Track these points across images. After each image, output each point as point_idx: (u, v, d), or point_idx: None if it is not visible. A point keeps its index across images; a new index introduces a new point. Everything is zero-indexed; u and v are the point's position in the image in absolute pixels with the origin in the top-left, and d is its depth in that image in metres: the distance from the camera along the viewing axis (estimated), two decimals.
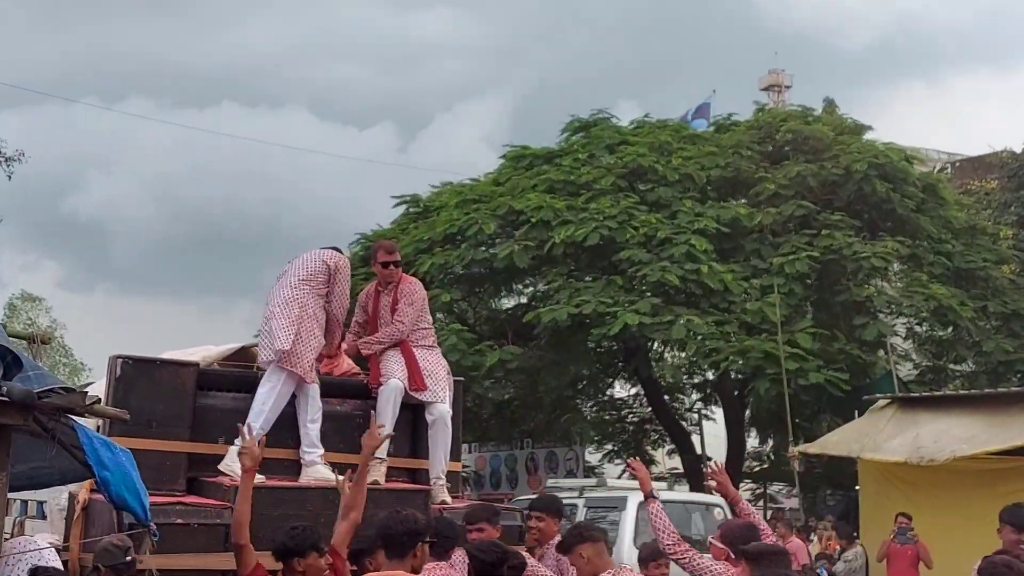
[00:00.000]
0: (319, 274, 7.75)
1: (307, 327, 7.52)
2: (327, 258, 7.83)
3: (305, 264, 7.79)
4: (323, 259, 7.81)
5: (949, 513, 13.80)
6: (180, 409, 7.20)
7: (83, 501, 6.81)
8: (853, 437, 16.03)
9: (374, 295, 8.35)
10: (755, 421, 23.84)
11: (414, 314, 8.15)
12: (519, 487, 27.04)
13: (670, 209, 20.43)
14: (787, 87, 61.67)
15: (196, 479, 7.20)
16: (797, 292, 19.58)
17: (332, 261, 7.82)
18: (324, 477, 7.31)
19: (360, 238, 23.82)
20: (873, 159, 20.65)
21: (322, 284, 7.74)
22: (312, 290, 7.69)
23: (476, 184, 23.46)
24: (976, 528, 11.72)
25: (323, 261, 7.80)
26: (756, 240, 20.43)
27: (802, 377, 17.73)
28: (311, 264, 7.78)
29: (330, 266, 7.78)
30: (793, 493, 21.93)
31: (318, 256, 7.84)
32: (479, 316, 23.13)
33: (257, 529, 6.81)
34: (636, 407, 26.81)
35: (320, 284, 7.73)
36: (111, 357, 7.23)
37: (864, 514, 15.80)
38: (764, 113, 24.37)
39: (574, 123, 23.66)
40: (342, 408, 7.89)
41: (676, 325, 18.22)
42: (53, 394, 4.09)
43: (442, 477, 7.87)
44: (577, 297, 19.13)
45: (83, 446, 4.31)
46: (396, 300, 8.18)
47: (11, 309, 57.23)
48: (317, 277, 7.74)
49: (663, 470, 28.64)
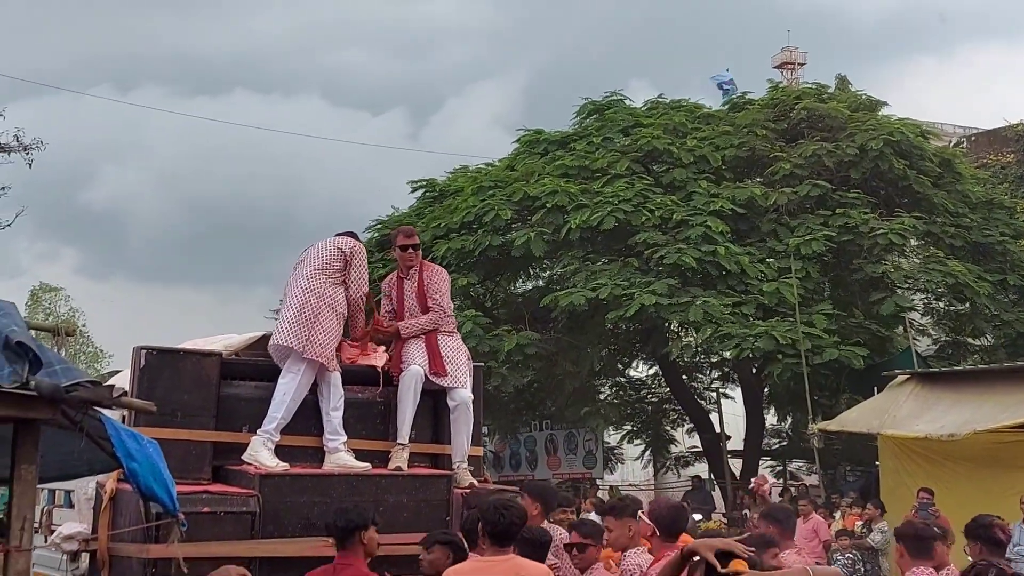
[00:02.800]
0: (335, 262, 7.74)
1: (325, 316, 7.53)
2: (342, 245, 7.82)
3: (320, 253, 7.79)
4: (338, 246, 7.80)
5: (970, 488, 13.81)
6: (204, 399, 7.23)
7: (110, 491, 6.85)
8: (873, 413, 16.06)
9: (397, 282, 8.35)
10: (774, 399, 23.85)
11: (447, 302, 8.23)
12: (538, 469, 27.16)
13: (685, 191, 20.45)
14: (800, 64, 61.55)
15: (221, 468, 7.24)
16: (813, 275, 19.58)
17: (347, 248, 7.80)
18: (347, 464, 7.37)
19: (376, 223, 23.91)
20: (888, 136, 20.59)
21: (338, 272, 7.73)
22: (328, 279, 7.68)
23: (491, 169, 23.49)
24: (996, 503, 11.75)
25: (338, 248, 7.79)
26: (772, 220, 20.41)
27: (818, 355, 17.73)
28: (326, 252, 7.78)
29: (345, 253, 7.77)
30: (813, 470, 21.93)
31: (332, 244, 7.84)
32: (496, 300, 23.19)
33: (282, 516, 6.90)
34: (654, 387, 26.85)
35: (336, 272, 7.73)
36: (135, 348, 7.27)
37: (885, 490, 15.82)
38: (778, 91, 24.31)
39: (587, 106, 23.66)
40: (363, 395, 7.91)
41: (693, 306, 18.26)
42: (80, 387, 4.14)
43: (465, 461, 7.92)
44: (594, 280, 19.17)
45: (111, 438, 4.37)
46: (422, 286, 8.20)
47: (33, 299, 57.71)
48: (333, 265, 7.73)
49: (682, 449, 28.69)
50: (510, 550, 5.45)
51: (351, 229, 8.31)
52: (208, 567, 6.35)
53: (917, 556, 6.30)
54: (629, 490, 29.12)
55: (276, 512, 6.86)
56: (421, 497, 7.41)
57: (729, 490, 21.22)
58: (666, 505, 6.49)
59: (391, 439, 7.79)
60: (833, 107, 21.88)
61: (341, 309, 7.71)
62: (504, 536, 5.44)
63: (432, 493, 7.48)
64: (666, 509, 6.30)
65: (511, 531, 5.47)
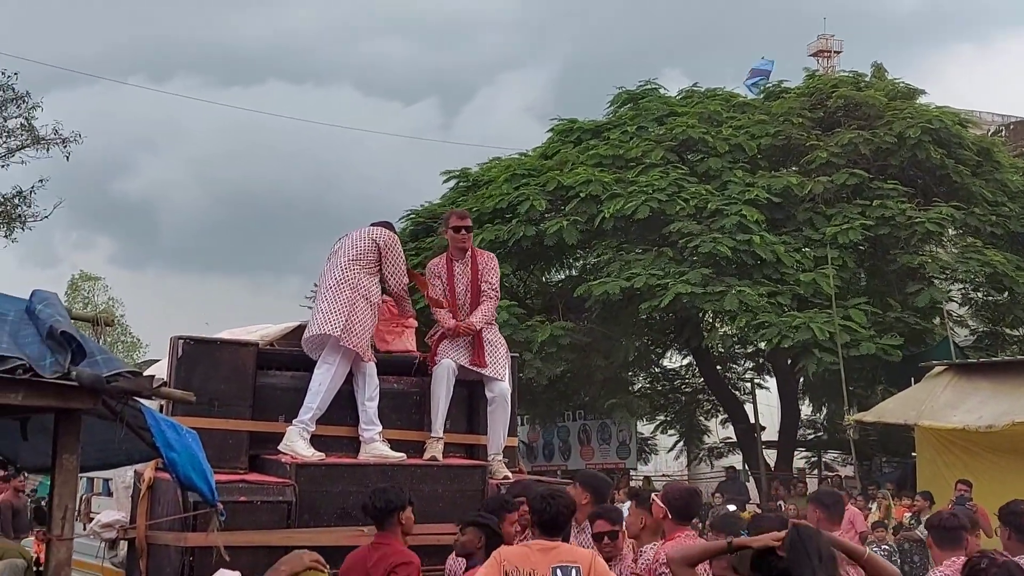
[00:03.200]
0: (369, 253, 7.74)
1: (360, 307, 7.53)
2: (376, 236, 7.80)
3: (354, 244, 7.78)
4: (372, 237, 7.79)
5: (1010, 479, 13.68)
6: (241, 388, 7.26)
7: (148, 479, 6.90)
8: (910, 404, 15.96)
9: (447, 264, 8.26)
10: (809, 389, 23.72)
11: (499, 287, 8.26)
12: (572, 459, 27.14)
13: (720, 180, 20.34)
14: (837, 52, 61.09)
15: (258, 457, 7.28)
16: (850, 264, 19.44)
17: (381, 239, 7.80)
18: (382, 454, 7.38)
19: (409, 213, 23.94)
20: (927, 124, 20.39)
21: (373, 263, 7.73)
22: (363, 269, 7.68)
23: (524, 159, 23.46)
24: None
25: (372, 240, 7.78)
26: (808, 210, 20.27)
27: (854, 348, 17.60)
28: (360, 243, 7.77)
29: (379, 244, 7.76)
30: (848, 461, 21.79)
31: (367, 235, 7.82)
32: (529, 290, 23.17)
33: (318, 506, 6.93)
34: (688, 377, 26.77)
35: (371, 263, 7.72)
36: (173, 338, 7.31)
37: (922, 481, 15.71)
38: (815, 79, 24.13)
39: (622, 95, 23.58)
40: (399, 386, 7.93)
41: (728, 296, 18.17)
42: (121, 378, 4.17)
43: (501, 453, 7.92)
44: (628, 270, 19.11)
45: (150, 428, 4.39)
46: (476, 270, 8.18)
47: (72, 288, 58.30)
48: (367, 256, 7.72)
49: (716, 440, 28.60)
50: (558, 539, 5.45)
51: (385, 219, 8.31)
52: (244, 556, 6.40)
53: (945, 547, 6.27)
54: (662, 481, 29.09)
55: (312, 501, 6.88)
56: (456, 487, 7.42)
57: (764, 481, 21.12)
58: (679, 489, 6.56)
59: (426, 429, 7.80)
60: (870, 95, 21.69)
61: (375, 299, 7.71)
62: (552, 525, 5.45)
63: (467, 483, 7.49)
64: (679, 493, 6.37)
65: (559, 520, 5.48)
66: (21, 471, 12.15)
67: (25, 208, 28.17)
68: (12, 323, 4.21)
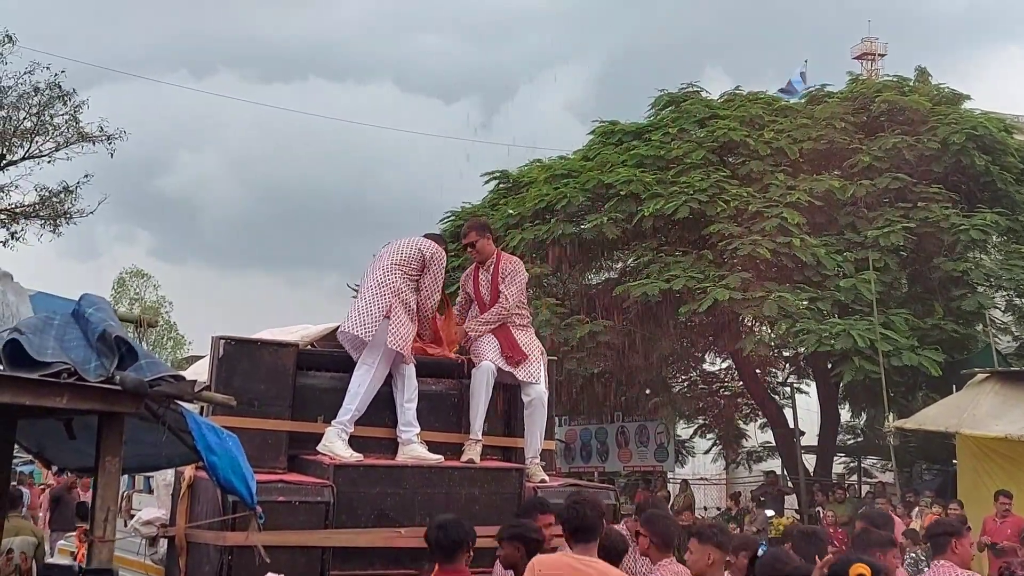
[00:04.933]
0: (413, 261, 7.79)
1: (398, 311, 7.58)
2: (423, 247, 7.86)
3: (400, 249, 7.84)
4: (419, 247, 7.85)
5: None
6: (281, 389, 7.33)
7: (189, 478, 6.97)
8: (951, 412, 15.79)
9: (474, 272, 8.41)
10: (849, 394, 23.55)
11: (517, 293, 8.23)
12: (609, 460, 27.10)
13: (761, 183, 20.23)
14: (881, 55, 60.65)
15: (296, 457, 7.34)
16: (892, 267, 19.27)
17: (428, 251, 7.85)
18: (420, 456, 7.43)
19: (449, 215, 24.01)
20: (971, 130, 20.20)
21: (415, 271, 7.78)
22: (404, 275, 7.73)
23: (565, 160, 23.47)
24: None
25: (419, 249, 7.84)
26: (850, 213, 20.13)
27: (895, 358, 17.45)
28: (407, 250, 7.83)
29: (425, 256, 7.82)
30: (888, 467, 21.64)
31: (414, 244, 7.88)
32: (568, 290, 23.16)
33: (355, 507, 6.97)
34: (727, 381, 26.65)
35: (413, 271, 7.78)
36: (214, 338, 7.38)
37: (962, 490, 15.57)
38: (858, 84, 23.95)
39: (663, 97, 23.51)
40: (437, 388, 7.98)
41: (767, 301, 18.04)
42: (163, 382, 4.23)
43: (538, 456, 7.94)
44: (667, 272, 19.06)
45: (191, 431, 4.45)
46: (496, 278, 8.23)
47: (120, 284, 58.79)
48: (411, 264, 7.78)
49: (755, 444, 28.47)
50: (594, 544, 5.50)
51: (434, 232, 8.40)
52: (283, 555, 6.46)
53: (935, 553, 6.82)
54: (700, 484, 29.00)
55: (350, 502, 6.93)
56: (493, 490, 7.44)
57: (803, 486, 21.00)
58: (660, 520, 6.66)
59: (464, 431, 7.84)
60: (914, 100, 21.51)
61: (413, 306, 7.76)
62: (583, 530, 5.47)
63: (504, 486, 7.51)
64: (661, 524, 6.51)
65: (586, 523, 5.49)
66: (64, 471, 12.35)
67: (71, 204, 28.58)
68: (58, 326, 4.28)
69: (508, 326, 8.11)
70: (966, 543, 6.96)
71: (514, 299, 8.17)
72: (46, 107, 27.90)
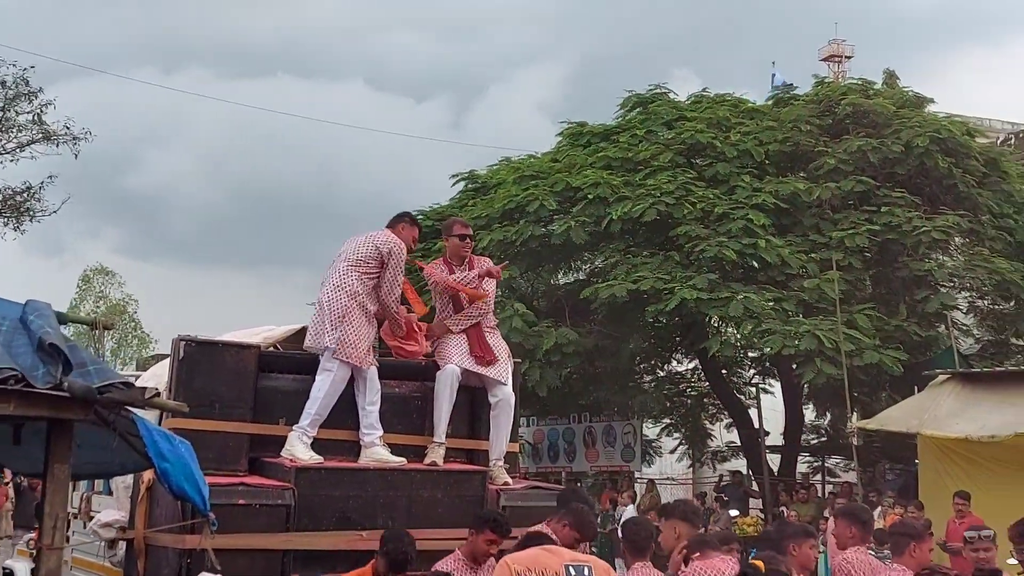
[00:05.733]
0: (369, 259, 7.66)
1: (354, 316, 7.50)
2: (379, 242, 7.72)
3: (357, 248, 7.72)
4: (375, 243, 7.71)
5: (1010, 489, 13.63)
6: (242, 391, 7.30)
7: (148, 481, 6.94)
8: (913, 412, 15.89)
9: (447, 271, 8.28)
10: (813, 395, 23.70)
11: (494, 292, 8.26)
12: (576, 460, 27.13)
13: (728, 185, 20.34)
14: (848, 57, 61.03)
15: (258, 460, 7.33)
16: (856, 266, 19.41)
17: (385, 247, 7.70)
18: (383, 458, 7.42)
19: (418, 215, 23.91)
20: (935, 133, 20.35)
21: (374, 268, 7.66)
22: (361, 275, 7.61)
23: (533, 161, 23.49)
24: None
25: (375, 246, 7.69)
26: (814, 215, 20.27)
27: (857, 357, 17.57)
28: (363, 249, 7.70)
29: (382, 252, 7.68)
30: (851, 467, 21.76)
31: (371, 241, 7.74)
32: (537, 292, 23.17)
33: (317, 510, 6.96)
34: (694, 381, 26.74)
35: (372, 268, 7.65)
36: (174, 339, 7.35)
37: (923, 490, 15.66)
38: (824, 86, 24.09)
39: (631, 99, 23.59)
40: (401, 390, 7.96)
41: (733, 302, 18.15)
42: (113, 388, 4.19)
43: (502, 459, 7.94)
44: (635, 273, 19.12)
45: (143, 438, 4.42)
46: (475, 276, 8.20)
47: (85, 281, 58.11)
48: (368, 263, 7.65)
49: (720, 444, 28.57)
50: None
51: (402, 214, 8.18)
52: (243, 559, 6.45)
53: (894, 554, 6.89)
54: (666, 484, 29.08)
55: (311, 505, 6.93)
56: (456, 493, 7.47)
57: (767, 485, 21.10)
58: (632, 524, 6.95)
59: (427, 434, 7.84)
60: (879, 103, 21.66)
61: (373, 307, 7.68)
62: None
63: (467, 489, 7.54)
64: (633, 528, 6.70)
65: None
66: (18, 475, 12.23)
67: (34, 203, 28.32)
68: (5, 333, 4.24)
69: (481, 326, 8.11)
70: (925, 548, 6.88)
71: (493, 299, 8.22)
72: (10, 104, 27.62)
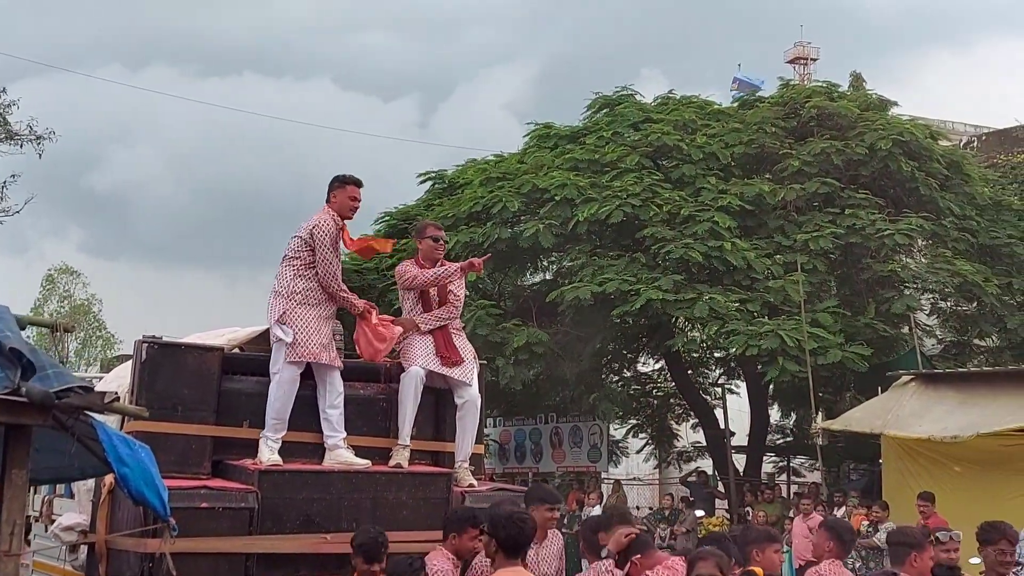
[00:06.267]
0: (300, 249, 7.52)
1: (296, 314, 7.40)
2: (302, 230, 7.55)
3: (288, 244, 7.61)
4: (299, 234, 7.56)
5: (972, 490, 13.77)
6: (205, 393, 7.24)
7: (109, 484, 6.88)
8: (876, 413, 16.02)
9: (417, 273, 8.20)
10: (778, 395, 23.84)
11: (463, 296, 8.25)
12: (543, 461, 27.19)
13: (694, 186, 20.42)
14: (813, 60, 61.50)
15: (221, 462, 7.28)
16: (820, 269, 19.54)
17: (307, 230, 7.52)
18: (347, 460, 7.38)
19: (384, 216, 23.93)
20: (898, 136, 20.50)
21: (307, 255, 7.52)
22: (296, 272, 7.50)
23: (500, 161, 23.48)
24: (999, 505, 11.73)
25: (299, 237, 7.55)
26: (779, 217, 20.38)
27: (822, 355, 17.68)
28: (292, 243, 7.57)
29: (305, 238, 7.52)
30: (816, 467, 21.90)
31: (296, 232, 7.60)
32: (504, 292, 23.18)
33: (281, 512, 6.93)
34: (660, 382, 26.83)
35: (306, 258, 7.52)
36: (137, 341, 7.29)
37: (887, 490, 15.78)
38: (789, 89, 24.23)
39: (598, 100, 23.64)
40: (365, 392, 7.92)
41: (699, 303, 18.24)
42: (72, 393, 4.15)
43: (467, 461, 7.92)
44: (600, 275, 19.16)
45: (102, 443, 4.38)
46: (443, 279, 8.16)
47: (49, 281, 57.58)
48: (300, 252, 7.52)
49: (686, 444, 28.68)
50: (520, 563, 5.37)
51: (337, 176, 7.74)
52: (206, 562, 6.42)
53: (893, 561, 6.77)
54: (633, 484, 29.16)
55: (275, 508, 6.89)
56: (421, 495, 7.44)
57: (732, 485, 21.21)
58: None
59: (392, 436, 7.80)
60: (843, 106, 21.81)
61: (315, 300, 7.54)
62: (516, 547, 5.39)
63: (432, 491, 7.51)
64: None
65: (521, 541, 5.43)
66: None
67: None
68: None
69: (448, 327, 8.10)
70: (926, 557, 6.51)
71: (462, 302, 8.21)
72: None
